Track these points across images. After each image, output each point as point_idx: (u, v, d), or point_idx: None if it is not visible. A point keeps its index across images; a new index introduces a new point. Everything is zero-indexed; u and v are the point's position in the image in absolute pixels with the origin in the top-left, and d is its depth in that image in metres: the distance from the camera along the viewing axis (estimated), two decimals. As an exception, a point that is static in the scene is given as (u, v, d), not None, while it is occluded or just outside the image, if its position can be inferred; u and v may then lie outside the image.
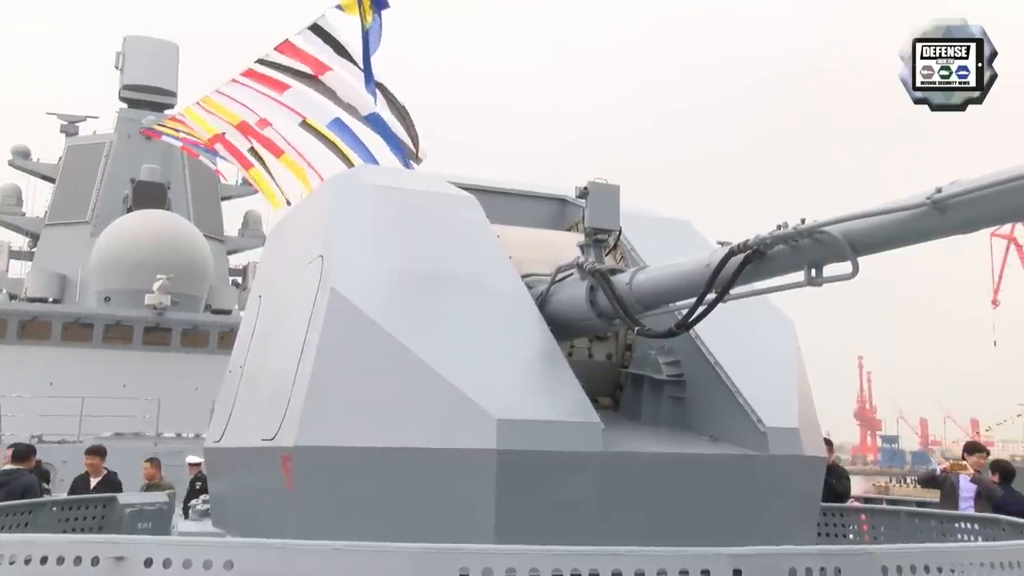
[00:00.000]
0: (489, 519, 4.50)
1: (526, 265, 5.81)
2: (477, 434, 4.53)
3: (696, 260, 4.62)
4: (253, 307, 7.10)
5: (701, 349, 5.53)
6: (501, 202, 6.62)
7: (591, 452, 4.67)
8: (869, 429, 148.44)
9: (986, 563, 3.71)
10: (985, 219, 3.59)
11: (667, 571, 3.25)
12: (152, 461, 13.85)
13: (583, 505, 4.72)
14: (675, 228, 6.56)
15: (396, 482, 4.70)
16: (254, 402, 6.06)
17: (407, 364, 4.78)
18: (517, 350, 5.05)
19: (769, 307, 5.91)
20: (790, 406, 5.40)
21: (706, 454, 5.17)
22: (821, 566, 3.35)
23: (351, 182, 6.29)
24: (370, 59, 9.15)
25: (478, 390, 4.64)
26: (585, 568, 3.22)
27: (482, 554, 3.28)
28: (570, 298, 5.30)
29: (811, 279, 4.13)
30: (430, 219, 5.75)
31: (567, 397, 4.83)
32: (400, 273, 5.29)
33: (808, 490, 5.55)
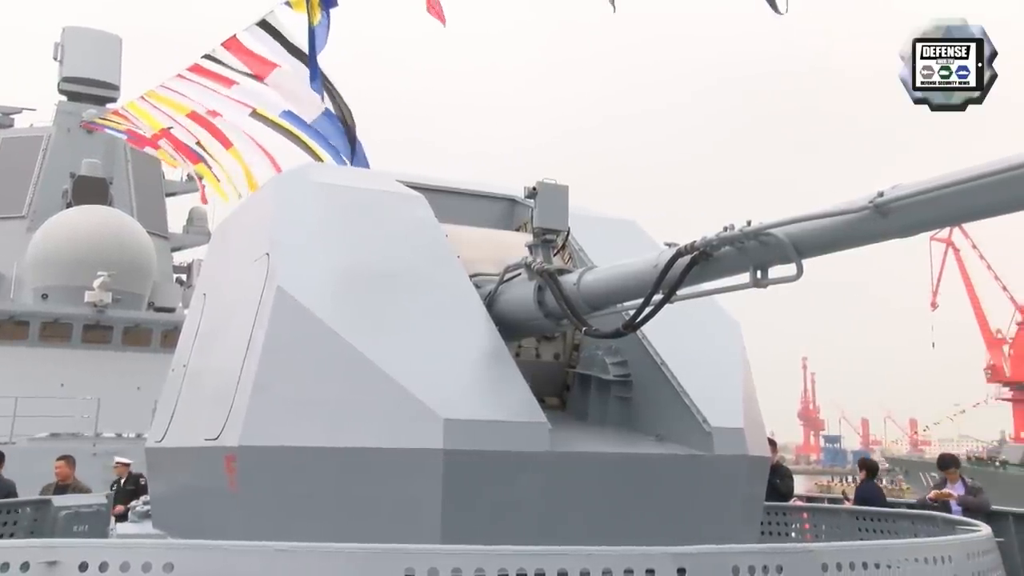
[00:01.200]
0: (435, 519, 4.48)
1: (474, 265, 5.80)
2: (424, 434, 4.50)
3: (643, 261, 4.65)
4: (197, 305, 6.98)
5: (648, 350, 5.56)
6: (450, 201, 6.60)
7: (538, 452, 4.67)
8: (812, 429, 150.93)
9: (920, 558, 3.84)
10: (924, 223, 3.67)
11: (612, 570, 3.27)
12: (66, 459, 12.79)
13: (530, 505, 4.71)
14: (622, 229, 6.60)
15: (342, 482, 4.66)
16: (198, 401, 5.96)
17: (354, 363, 4.73)
18: (464, 350, 5.03)
19: (715, 308, 5.98)
20: (735, 406, 5.46)
21: (652, 454, 5.20)
22: (764, 564, 3.40)
23: (298, 180, 6.21)
24: (316, 57, 9.06)
25: (425, 390, 4.61)
26: (531, 568, 3.23)
27: (428, 554, 3.26)
28: (518, 298, 5.30)
29: (756, 280, 4.18)
30: (378, 218, 5.71)
31: (514, 397, 4.83)
32: (347, 272, 5.24)
33: (752, 489, 5.62)
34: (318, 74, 9.24)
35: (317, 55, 9.08)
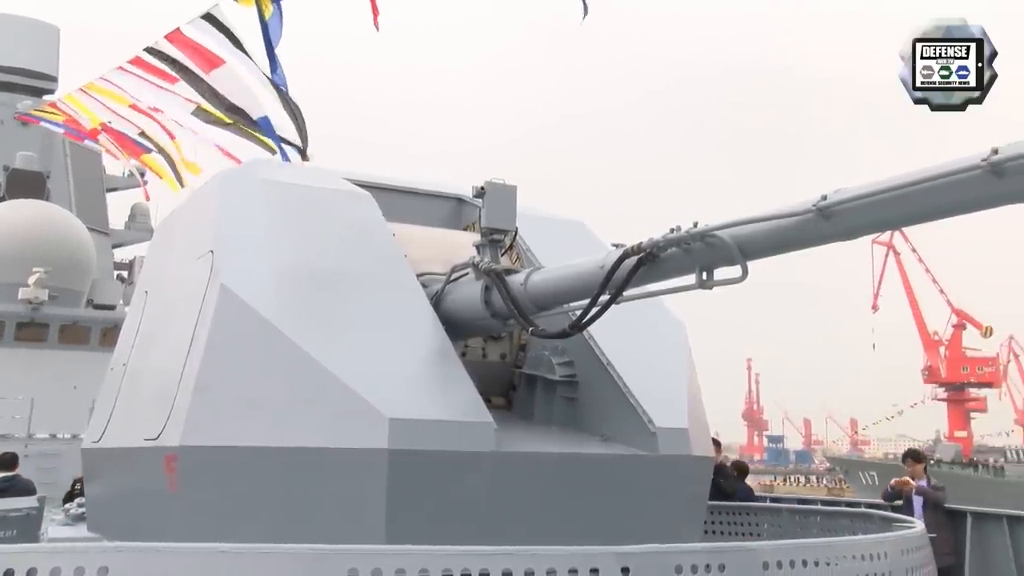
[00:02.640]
0: (380, 519, 4.45)
1: (422, 264, 5.78)
2: (369, 433, 4.48)
3: (591, 262, 4.67)
4: (139, 303, 6.85)
5: (594, 350, 5.59)
6: (398, 200, 6.56)
7: (483, 452, 4.67)
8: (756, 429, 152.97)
9: (857, 555, 3.94)
10: (866, 227, 3.75)
11: (556, 570, 3.27)
12: None
13: (475, 505, 4.71)
14: (570, 229, 6.62)
15: (286, 482, 4.61)
16: (138, 401, 5.85)
17: (298, 362, 4.69)
18: (410, 349, 5.01)
19: (661, 309, 6.03)
20: (680, 407, 5.51)
21: (597, 454, 5.23)
22: (706, 563, 3.43)
23: (243, 177, 6.13)
24: (274, 50, 8.92)
25: (370, 389, 4.58)
26: (475, 568, 3.22)
27: (372, 555, 3.23)
28: (465, 298, 5.29)
29: (702, 282, 4.22)
30: (325, 216, 5.65)
31: (460, 397, 4.82)
32: (292, 270, 5.18)
33: (696, 489, 5.68)
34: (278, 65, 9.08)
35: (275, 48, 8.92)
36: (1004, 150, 3.07)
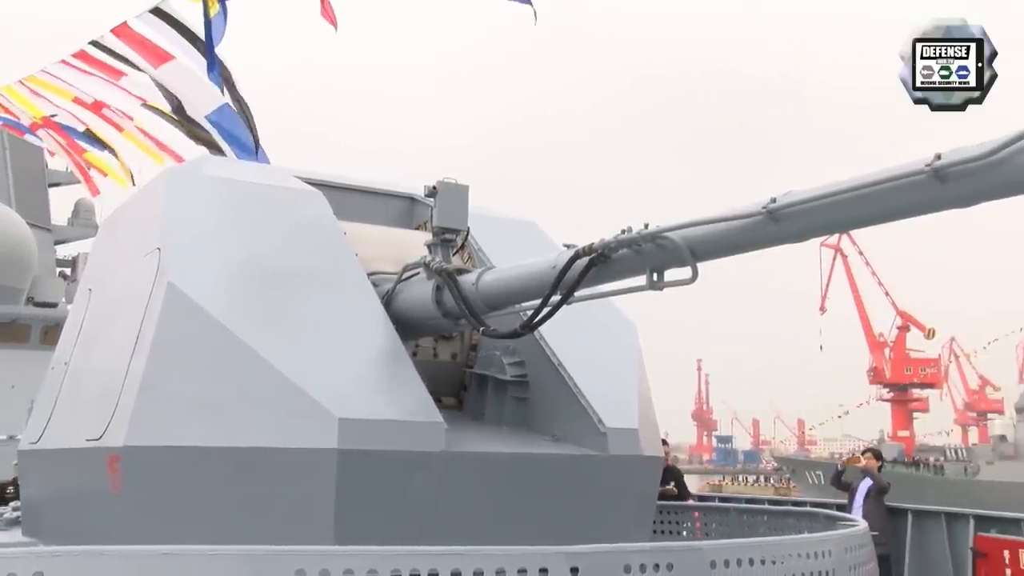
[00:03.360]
0: (328, 520, 4.42)
1: (373, 263, 5.74)
2: (318, 433, 4.44)
3: (542, 262, 4.68)
4: (82, 300, 6.71)
5: (545, 350, 5.60)
6: (349, 199, 6.51)
7: (433, 452, 4.66)
8: (705, 429, 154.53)
9: (803, 554, 4.01)
10: (815, 229, 3.81)
11: (506, 570, 3.27)
12: None
13: (425, 505, 4.70)
14: (522, 229, 6.62)
15: (233, 482, 4.55)
16: (80, 401, 5.73)
17: (247, 361, 4.63)
18: (361, 348, 4.98)
19: (612, 310, 6.05)
20: (630, 407, 5.54)
21: (547, 454, 5.24)
22: (655, 562, 3.46)
23: (191, 173, 6.04)
24: (214, 48, 8.79)
25: (320, 388, 4.55)
26: (424, 568, 3.21)
27: (319, 555, 3.21)
28: (416, 297, 5.27)
29: (653, 283, 4.26)
30: (274, 214, 5.59)
31: (410, 396, 4.80)
32: (241, 268, 5.12)
33: (645, 489, 5.72)
34: (216, 65, 8.95)
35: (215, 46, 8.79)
36: (947, 156, 3.13)
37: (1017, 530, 8.74)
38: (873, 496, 9.65)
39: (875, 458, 10.47)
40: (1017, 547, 8.43)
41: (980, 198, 3.24)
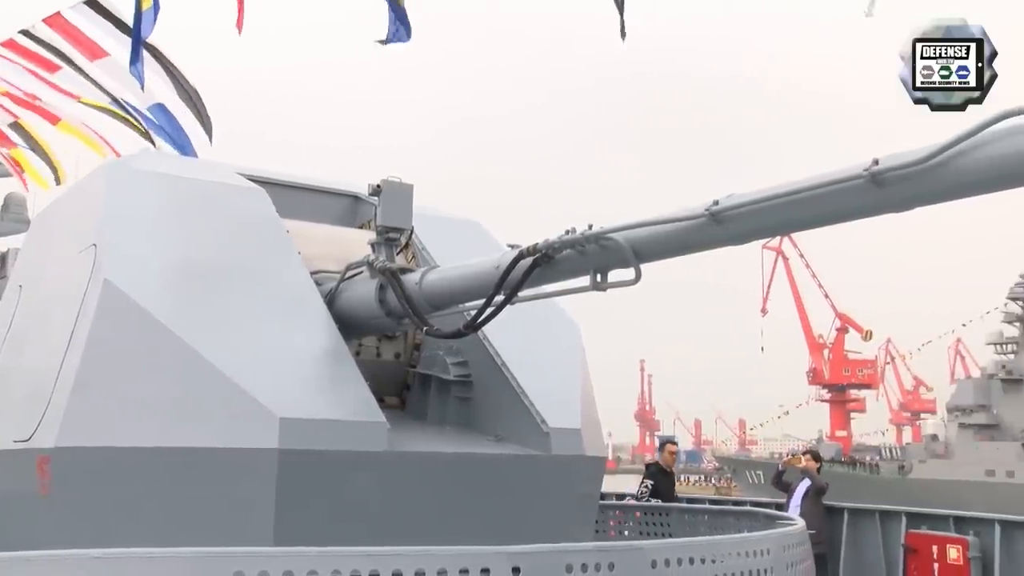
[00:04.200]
0: (268, 520, 4.37)
1: (316, 261, 5.68)
2: (258, 433, 4.39)
3: (486, 262, 4.68)
4: (12, 297, 6.52)
5: (489, 350, 5.60)
6: (292, 196, 6.43)
7: (375, 452, 4.63)
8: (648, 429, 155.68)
9: (742, 552, 4.07)
10: (757, 232, 3.87)
11: (447, 570, 3.26)
12: None
13: (367, 505, 4.67)
14: (467, 229, 6.61)
15: (170, 484, 4.47)
16: (7, 401, 5.56)
17: (185, 360, 4.56)
18: (303, 348, 4.93)
19: (556, 310, 6.07)
20: (573, 407, 5.57)
21: (490, 454, 5.24)
22: (596, 562, 3.47)
23: (129, 168, 5.90)
24: (140, 42, 8.57)
25: (260, 388, 4.49)
26: (365, 569, 3.18)
27: (258, 557, 3.16)
28: (359, 296, 5.24)
29: (596, 284, 4.29)
30: (215, 211, 5.50)
31: (352, 396, 4.77)
32: (181, 265, 5.03)
33: (588, 489, 5.74)
34: (140, 59, 8.71)
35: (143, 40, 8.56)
36: (884, 161, 3.20)
37: (946, 526, 9.01)
38: (811, 496, 9.84)
39: (814, 459, 10.69)
40: (944, 542, 8.75)
41: (916, 203, 3.31)
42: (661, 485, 10.23)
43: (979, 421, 59.86)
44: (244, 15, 9.09)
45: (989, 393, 60.66)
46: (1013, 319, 61.50)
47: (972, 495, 41.90)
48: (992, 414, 59.74)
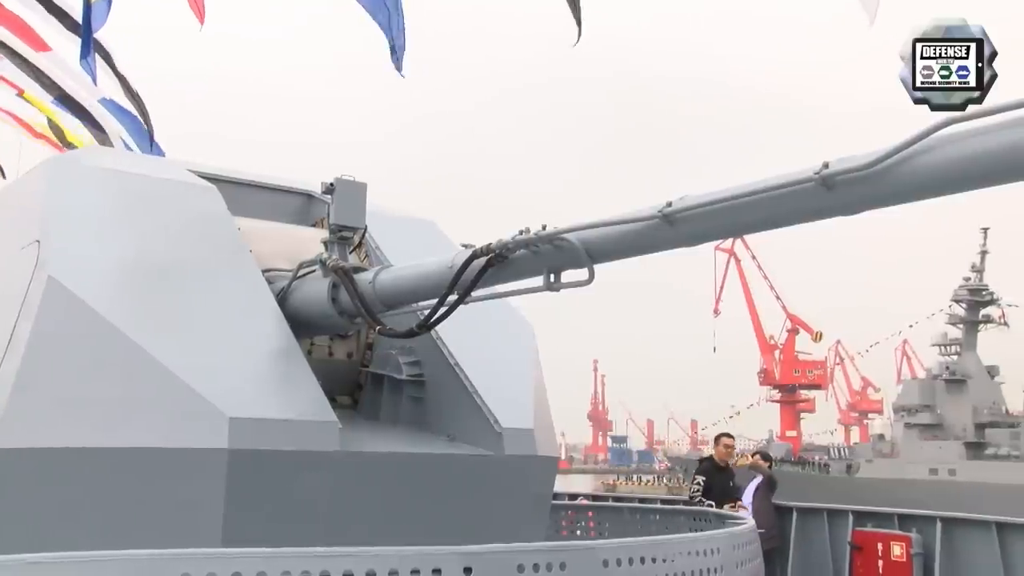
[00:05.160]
0: (217, 521, 4.31)
1: (267, 260, 5.62)
2: (207, 433, 4.33)
3: (439, 261, 4.67)
4: None
5: (442, 350, 5.59)
6: (244, 194, 6.36)
7: (327, 451, 4.60)
8: (601, 429, 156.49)
9: (692, 552, 4.10)
10: (709, 233, 3.91)
11: (399, 571, 3.24)
12: None
13: (318, 505, 4.63)
14: (421, 228, 6.59)
15: (114, 485, 4.40)
16: None
17: (132, 359, 4.48)
18: (253, 346, 4.88)
19: (509, 310, 6.08)
20: (526, 407, 5.58)
21: (442, 454, 5.23)
22: (548, 562, 3.48)
23: (74, 163, 5.80)
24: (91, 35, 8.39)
25: (210, 387, 4.43)
26: (315, 569, 3.16)
27: (205, 558, 3.12)
28: (311, 295, 5.19)
29: (550, 284, 4.30)
30: (165, 207, 5.41)
31: (304, 395, 4.73)
32: (128, 263, 4.95)
33: (540, 489, 5.76)
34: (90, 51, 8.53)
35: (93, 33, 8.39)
36: (834, 164, 3.26)
37: (890, 524, 9.21)
38: (763, 492, 9.94)
39: (763, 459, 10.81)
40: (889, 540, 8.95)
41: (864, 206, 3.37)
42: (715, 483, 9.40)
43: (923, 421, 61.06)
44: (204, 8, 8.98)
45: (933, 393, 61.93)
46: (957, 321, 62.86)
47: (916, 493, 42.71)
48: (936, 414, 60.99)
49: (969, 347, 62.31)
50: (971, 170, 2.97)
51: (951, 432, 59.62)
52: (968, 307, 62.30)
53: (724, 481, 9.53)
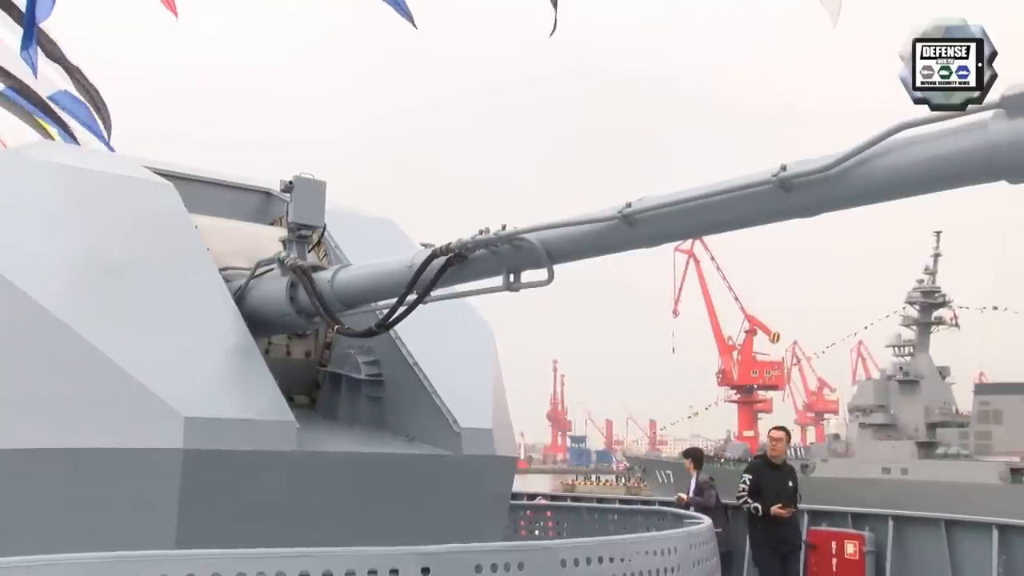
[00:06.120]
0: (171, 523, 4.26)
1: (225, 258, 5.56)
2: (162, 433, 4.27)
3: (399, 261, 4.66)
4: None
5: (401, 350, 5.57)
6: (201, 191, 6.28)
7: (284, 451, 4.56)
8: (560, 429, 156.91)
9: (650, 551, 4.13)
10: (668, 234, 3.93)
11: (356, 571, 3.23)
12: None
13: (275, 506, 4.59)
14: (380, 227, 6.56)
15: (66, 486, 4.32)
16: None
17: (84, 358, 4.41)
18: (210, 345, 4.83)
19: (469, 309, 6.08)
20: (485, 407, 5.58)
21: (401, 454, 5.21)
22: (505, 562, 3.48)
23: (23, 158, 5.67)
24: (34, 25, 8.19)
25: (165, 386, 4.37)
26: (271, 571, 3.13)
27: (157, 560, 3.08)
28: (269, 294, 5.15)
29: (509, 284, 4.31)
30: (119, 204, 5.32)
31: (261, 395, 4.69)
32: (80, 260, 4.86)
33: (499, 489, 5.76)
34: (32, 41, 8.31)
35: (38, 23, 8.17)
36: (791, 167, 3.29)
37: (844, 522, 9.37)
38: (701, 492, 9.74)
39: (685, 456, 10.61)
40: (842, 538, 9.17)
41: (821, 209, 3.41)
42: (767, 482, 8.54)
43: (877, 421, 62.00)
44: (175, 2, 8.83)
45: (887, 394, 62.93)
46: (911, 322, 63.91)
47: (870, 492, 43.37)
48: (890, 414, 61.97)
49: (922, 348, 63.40)
50: (925, 174, 3.02)
51: (904, 432, 60.63)
52: (921, 309, 63.36)
53: (780, 481, 8.60)
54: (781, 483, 8.54)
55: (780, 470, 8.67)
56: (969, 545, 8.36)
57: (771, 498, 8.34)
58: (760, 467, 8.80)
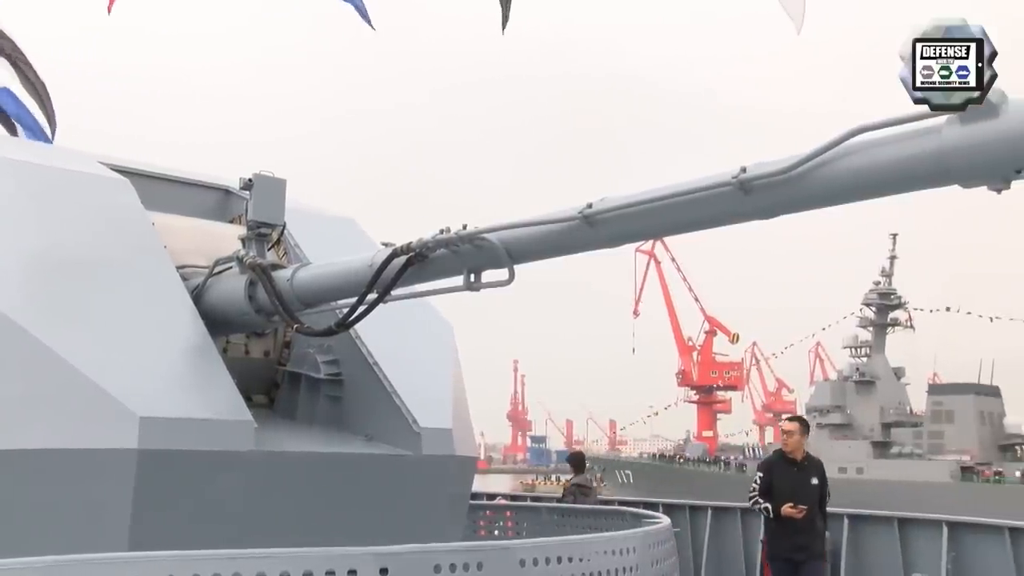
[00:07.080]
0: (124, 524, 4.19)
1: (183, 256, 5.49)
2: (116, 433, 4.21)
3: (359, 260, 4.63)
4: None
5: (360, 349, 5.53)
6: (159, 188, 6.19)
7: (241, 451, 4.51)
8: (520, 429, 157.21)
9: (609, 551, 4.14)
10: (628, 235, 3.95)
11: (313, 572, 3.20)
12: None
13: (232, 506, 4.55)
14: (341, 226, 6.52)
15: (16, 488, 4.24)
16: None
17: (36, 356, 4.33)
18: (167, 344, 4.76)
19: (429, 309, 6.06)
20: (444, 407, 5.57)
21: (360, 453, 5.18)
22: (464, 562, 3.47)
23: None
24: None
25: (119, 385, 4.30)
26: (227, 572, 3.08)
27: (109, 563, 3.02)
28: (228, 292, 5.09)
29: (470, 284, 4.30)
30: (73, 200, 5.23)
31: (218, 394, 4.63)
32: (33, 257, 4.77)
33: (458, 488, 5.74)
34: None
35: None
36: (751, 169, 3.32)
37: None
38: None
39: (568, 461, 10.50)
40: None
41: (780, 210, 3.44)
42: (782, 480, 7.38)
43: (834, 421, 62.97)
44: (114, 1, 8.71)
45: (844, 394, 63.91)
46: (867, 324, 64.94)
47: (827, 492, 43.95)
48: (846, 414, 62.95)
49: (878, 349, 64.49)
50: (883, 177, 3.06)
51: (860, 432, 61.61)
52: (877, 311, 64.45)
53: (797, 479, 7.41)
54: (799, 481, 7.38)
55: (798, 466, 7.43)
56: (921, 543, 8.51)
57: (784, 498, 7.24)
58: (774, 463, 7.64)
